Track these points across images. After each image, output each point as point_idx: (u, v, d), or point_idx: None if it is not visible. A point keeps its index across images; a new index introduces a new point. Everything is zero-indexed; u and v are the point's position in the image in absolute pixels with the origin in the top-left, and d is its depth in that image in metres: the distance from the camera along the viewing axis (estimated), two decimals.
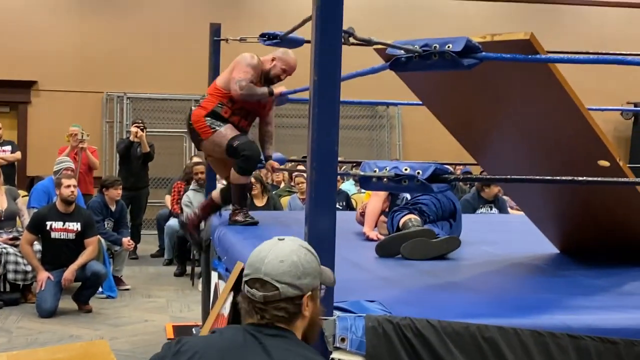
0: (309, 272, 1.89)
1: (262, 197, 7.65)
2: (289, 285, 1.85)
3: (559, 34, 11.81)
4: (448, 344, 2.11)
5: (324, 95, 2.09)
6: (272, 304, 1.86)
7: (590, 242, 3.46)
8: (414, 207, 3.79)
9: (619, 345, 2.17)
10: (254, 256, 1.92)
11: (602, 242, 3.39)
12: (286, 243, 1.92)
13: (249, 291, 1.89)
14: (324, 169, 2.11)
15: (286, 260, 1.87)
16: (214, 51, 5.43)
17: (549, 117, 2.90)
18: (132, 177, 9.00)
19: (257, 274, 1.88)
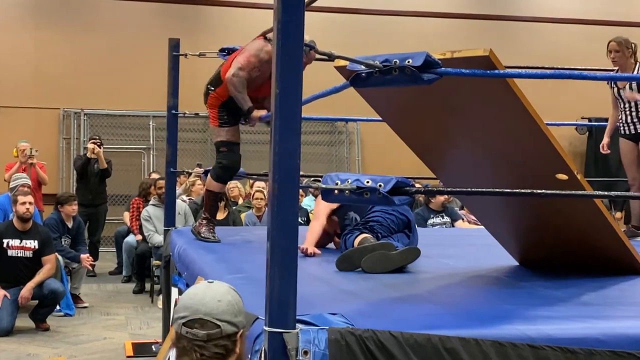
0: (241, 311, 2.06)
1: (224, 210, 7.64)
2: (228, 323, 2.00)
3: (515, 50, 11.99)
4: (410, 356, 2.11)
5: (286, 108, 2.09)
6: (213, 342, 1.98)
7: (549, 254, 3.50)
8: (365, 227, 3.81)
9: (578, 355, 2.20)
10: (189, 299, 2.04)
11: (561, 254, 3.43)
12: (217, 285, 2.09)
13: (189, 332, 1.99)
14: (286, 182, 2.10)
15: (223, 300, 2.02)
16: (172, 66, 5.42)
17: (508, 132, 2.94)
18: (90, 194, 8.91)
19: (196, 315, 2.00)
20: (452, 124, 3.09)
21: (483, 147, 3.13)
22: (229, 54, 4.89)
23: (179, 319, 2.02)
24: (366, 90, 3.08)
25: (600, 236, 3.22)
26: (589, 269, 3.27)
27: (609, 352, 2.21)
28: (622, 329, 2.30)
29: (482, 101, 2.84)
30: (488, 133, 3.01)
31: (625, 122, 5.26)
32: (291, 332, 2.08)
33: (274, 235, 2.11)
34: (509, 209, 3.44)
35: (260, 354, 2.14)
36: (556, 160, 2.90)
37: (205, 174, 5.10)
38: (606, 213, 3.12)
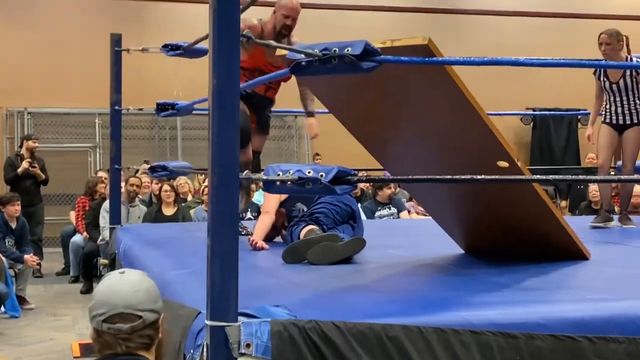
0: (158, 295, 2.03)
1: (173, 206, 7.59)
2: (149, 312, 1.97)
3: (460, 44, 12.10)
4: (353, 345, 2.11)
5: (223, 97, 2.07)
6: (138, 332, 1.95)
7: (494, 242, 3.53)
8: (311, 218, 3.80)
9: (519, 339, 2.22)
10: (105, 294, 1.98)
11: (506, 241, 3.46)
12: (130, 274, 2.04)
13: (112, 328, 1.95)
14: (225, 174, 2.08)
15: (140, 289, 1.98)
16: (115, 62, 5.34)
17: (448, 121, 2.96)
18: (25, 195, 8.71)
19: (115, 310, 1.95)
20: (395, 113, 3.10)
21: (425, 136, 3.14)
22: (172, 50, 4.84)
23: (97, 315, 1.97)
24: (311, 81, 3.08)
25: (542, 223, 3.26)
26: (533, 256, 3.30)
27: (549, 335, 2.24)
28: (562, 312, 2.33)
29: (422, 90, 2.85)
30: (429, 122, 3.03)
31: (613, 112, 5.19)
32: (233, 325, 2.06)
33: (214, 227, 2.09)
34: (453, 198, 3.47)
35: (202, 348, 2.12)
36: (496, 148, 2.93)
37: (150, 170, 5.05)
38: (547, 200, 3.16)
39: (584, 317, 2.30)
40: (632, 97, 5.14)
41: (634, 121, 5.15)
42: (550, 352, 2.22)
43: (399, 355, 2.13)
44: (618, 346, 2.26)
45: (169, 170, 4.99)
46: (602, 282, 2.97)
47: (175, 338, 2.38)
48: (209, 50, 2.10)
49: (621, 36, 5.15)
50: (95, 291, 2.03)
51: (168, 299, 2.75)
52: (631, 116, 5.16)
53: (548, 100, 12.64)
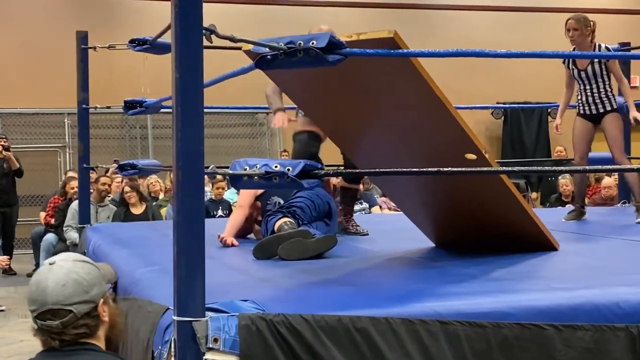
0: (93, 282, 1.96)
1: (140, 205, 7.54)
2: (80, 304, 1.92)
3: (429, 39, 12.15)
4: (322, 337, 2.11)
5: (186, 92, 2.05)
6: (71, 326, 1.91)
7: (463, 234, 3.55)
8: (288, 211, 3.80)
9: (486, 328, 2.24)
10: (33, 290, 1.93)
11: (476, 234, 3.48)
12: (59, 265, 1.97)
13: (43, 324, 1.91)
14: (190, 169, 2.07)
15: (68, 282, 1.92)
16: (82, 60, 5.29)
17: (415, 113, 2.97)
18: (3, 194, 8.66)
19: (44, 307, 1.91)
20: (362, 107, 3.10)
21: (393, 130, 3.15)
22: (139, 45, 4.80)
23: (31, 312, 1.94)
24: (277, 74, 3.07)
25: (510, 215, 3.28)
26: (502, 248, 3.32)
27: (516, 324, 2.25)
28: (528, 301, 2.35)
29: (389, 83, 2.86)
30: (397, 115, 3.04)
31: (585, 102, 5.11)
32: (200, 320, 2.05)
33: (180, 223, 2.08)
34: (423, 191, 3.48)
35: (170, 343, 2.11)
36: (464, 141, 2.94)
37: (120, 168, 5.01)
38: (515, 192, 3.18)
39: (551, 306, 2.32)
40: (603, 84, 5.04)
41: (607, 108, 5.04)
42: (517, 340, 2.23)
43: (367, 346, 2.14)
44: (584, 334, 2.28)
45: (139, 168, 4.95)
46: (569, 272, 3.00)
47: (144, 334, 2.37)
48: (172, 45, 2.08)
49: (589, 22, 5.04)
50: (29, 285, 1.99)
51: (136, 296, 2.75)
52: (603, 104, 5.05)
53: (518, 94, 12.73)
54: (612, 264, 3.19)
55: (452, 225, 3.59)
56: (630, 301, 2.35)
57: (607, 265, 3.14)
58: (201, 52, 2.07)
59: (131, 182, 7.87)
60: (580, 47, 5.04)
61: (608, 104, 5.06)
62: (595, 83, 5.06)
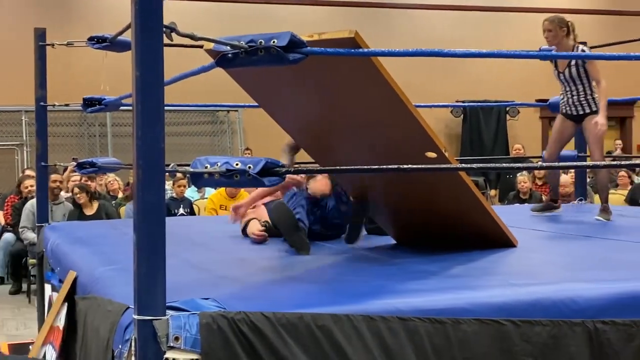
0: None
1: (91, 205, 7.48)
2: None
3: (391, 38, 12.22)
4: (283, 335, 2.11)
5: (146, 91, 2.04)
6: None
7: (424, 232, 3.58)
8: None
9: (446, 324, 2.26)
10: None
11: (437, 231, 3.51)
12: None
13: None
14: (150, 167, 2.06)
15: None
16: (39, 57, 5.21)
17: (377, 113, 2.99)
18: None
19: None
20: (324, 106, 3.11)
21: (355, 129, 3.16)
22: (98, 43, 4.75)
23: None
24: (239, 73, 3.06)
25: (470, 212, 3.32)
26: (463, 245, 3.36)
27: (475, 320, 2.29)
28: (487, 297, 2.38)
29: (349, 82, 2.87)
30: (358, 115, 3.05)
31: (567, 103, 5.07)
32: (161, 318, 2.04)
33: (140, 222, 2.07)
34: (384, 190, 3.50)
35: (130, 342, 2.10)
36: (424, 139, 2.97)
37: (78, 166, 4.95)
38: (474, 189, 3.22)
39: (508, 302, 2.36)
40: (582, 87, 4.96)
41: (587, 111, 4.96)
42: (476, 336, 2.27)
43: (329, 344, 2.15)
44: (542, 329, 2.32)
45: (98, 166, 4.90)
46: (527, 268, 3.04)
47: (103, 333, 2.36)
48: (132, 43, 2.07)
49: (564, 22, 4.96)
50: None
51: (96, 295, 2.73)
52: (583, 107, 4.98)
53: (478, 92, 12.86)
54: (568, 261, 3.24)
55: (413, 223, 3.62)
56: (586, 297, 2.40)
57: (563, 262, 3.20)
58: (161, 50, 2.07)
59: (80, 183, 7.77)
60: (559, 49, 4.94)
61: (587, 106, 4.99)
62: (574, 85, 5.00)
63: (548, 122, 14.18)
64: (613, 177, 10.05)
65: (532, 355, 2.31)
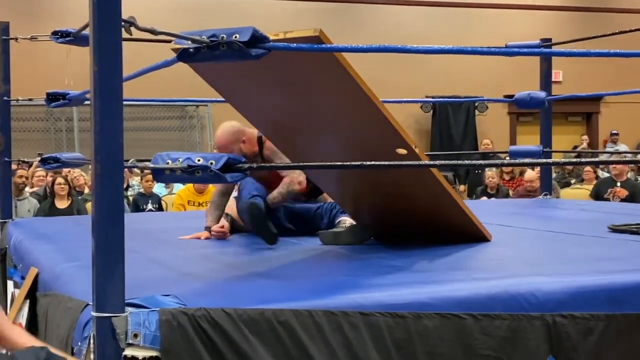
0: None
1: (67, 199, 7.41)
2: None
3: (359, 34, 12.23)
4: (244, 331, 2.11)
5: (104, 86, 2.03)
6: None
7: (396, 228, 3.57)
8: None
9: (407, 318, 2.27)
10: None
11: (410, 227, 3.50)
12: None
13: None
14: (109, 162, 2.04)
15: None
16: (3, 51, 5.14)
17: (343, 109, 2.98)
18: None
19: None
20: (290, 103, 3.09)
21: (323, 126, 3.15)
22: (62, 37, 4.70)
23: None
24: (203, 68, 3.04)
25: (442, 207, 3.30)
26: (436, 240, 3.36)
27: (436, 314, 2.29)
28: (448, 292, 2.39)
29: (315, 79, 2.86)
30: (326, 112, 3.05)
31: None
32: (120, 315, 2.03)
33: (98, 217, 2.05)
34: (356, 187, 3.49)
35: (89, 339, 2.08)
36: (393, 135, 2.96)
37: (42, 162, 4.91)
38: (446, 184, 3.22)
39: (469, 296, 2.37)
40: None
41: None
42: (437, 330, 2.27)
43: (290, 339, 2.15)
44: (502, 322, 2.34)
45: (62, 162, 4.85)
46: (489, 263, 3.07)
47: (63, 331, 2.34)
48: (90, 37, 2.05)
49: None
50: None
51: (57, 292, 2.70)
52: None
53: (447, 88, 12.94)
54: (530, 255, 3.27)
55: (385, 220, 3.61)
56: (545, 290, 2.42)
57: (524, 256, 3.22)
58: (119, 44, 2.05)
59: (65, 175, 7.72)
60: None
61: None
62: None
63: (516, 117, 14.33)
64: (579, 172, 10.19)
65: (492, 349, 2.33)
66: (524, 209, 5.24)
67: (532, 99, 5.53)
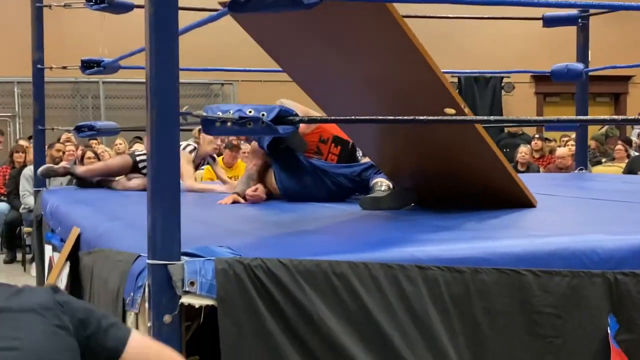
0: None
1: None
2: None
3: None
4: (300, 282, 2.06)
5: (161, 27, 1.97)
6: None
7: (439, 192, 3.48)
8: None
9: (465, 273, 2.22)
10: None
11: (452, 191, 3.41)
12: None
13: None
14: (165, 106, 1.99)
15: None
16: (36, 18, 5.11)
17: (393, 66, 2.90)
18: None
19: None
20: (339, 57, 3.01)
21: (371, 82, 3.07)
22: (96, 4, 4.66)
23: None
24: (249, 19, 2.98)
25: (489, 171, 3.21)
26: (480, 205, 3.28)
27: (494, 269, 2.24)
28: (505, 247, 2.33)
29: (364, 33, 2.79)
30: (372, 67, 2.96)
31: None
32: (176, 263, 1.99)
33: (154, 164, 2.00)
34: (399, 147, 3.40)
35: (143, 289, 2.04)
36: (443, 94, 2.89)
37: (76, 130, 4.89)
38: (494, 147, 3.15)
39: (528, 252, 2.31)
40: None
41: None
42: (495, 285, 2.22)
43: (346, 291, 2.10)
44: (562, 279, 2.28)
45: (96, 129, 4.84)
46: (545, 222, 2.98)
47: (113, 284, 2.30)
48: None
49: None
50: None
51: (103, 248, 2.67)
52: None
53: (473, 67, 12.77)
54: (583, 218, 3.20)
55: (425, 182, 3.53)
56: (607, 248, 2.35)
57: (577, 219, 3.15)
58: None
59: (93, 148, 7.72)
60: None
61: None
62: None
63: (543, 97, 14.16)
64: (610, 151, 10.05)
65: (551, 306, 2.27)
66: (563, 181, 5.15)
67: (569, 71, 5.42)
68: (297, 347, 2.05)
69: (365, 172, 3.89)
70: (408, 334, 2.13)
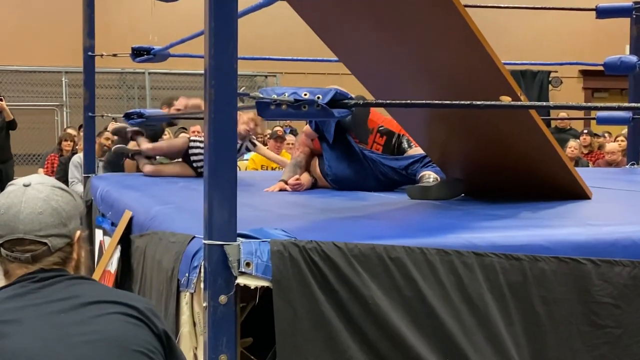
0: (72, 214, 1.68)
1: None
2: (56, 237, 1.64)
3: None
4: (355, 266, 2.04)
5: (220, 5, 1.96)
6: (41, 259, 1.63)
7: (491, 182, 3.42)
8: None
9: (523, 261, 2.17)
10: (3, 214, 1.62)
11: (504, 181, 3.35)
12: (36, 188, 1.66)
13: (10, 255, 1.62)
14: (223, 85, 1.98)
15: (45, 210, 1.63)
16: (87, 5, 5.16)
17: (449, 51, 2.85)
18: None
19: (13, 234, 1.61)
20: (393, 42, 2.97)
21: (424, 66, 3.02)
22: None
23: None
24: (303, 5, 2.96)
25: (544, 160, 3.13)
26: (533, 196, 3.22)
27: (553, 258, 2.19)
28: (564, 235, 2.28)
29: (420, 17, 2.74)
30: (427, 52, 2.92)
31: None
32: (232, 244, 1.98)
33: (212, 144, 1.99)
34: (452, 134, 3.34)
35: (199, 269, 2.04)
36: (500, 82, 2.83)
37: (126, 116, 4.93)
38: (549, 136, 3.08)
39: (588, 241, 2.26)
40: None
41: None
42: (554, 274, 2.18)
43: (401, 276, 2.07)
44: (622, 269, 2.22)
45: (145, 116, 4.87)
46: (603, 213, 2.91)
47: (167, 264, 2.30)
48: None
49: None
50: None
51: (156, 230, 2.67)
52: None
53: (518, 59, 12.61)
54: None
55: (476, 171, 3.46)
56: None
57: (637, 211, 3.06)
58: None
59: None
60: None
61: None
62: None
63: (591, 93, 13.93)
64: None
65: (610, 296, 2.22)
66: (615, 175, 5.04)
67: (622, 63, 5.32)
68: (351, 330, 2.03)
69: (412, 166, 3.85)
70: (464, 320, 2.10)
